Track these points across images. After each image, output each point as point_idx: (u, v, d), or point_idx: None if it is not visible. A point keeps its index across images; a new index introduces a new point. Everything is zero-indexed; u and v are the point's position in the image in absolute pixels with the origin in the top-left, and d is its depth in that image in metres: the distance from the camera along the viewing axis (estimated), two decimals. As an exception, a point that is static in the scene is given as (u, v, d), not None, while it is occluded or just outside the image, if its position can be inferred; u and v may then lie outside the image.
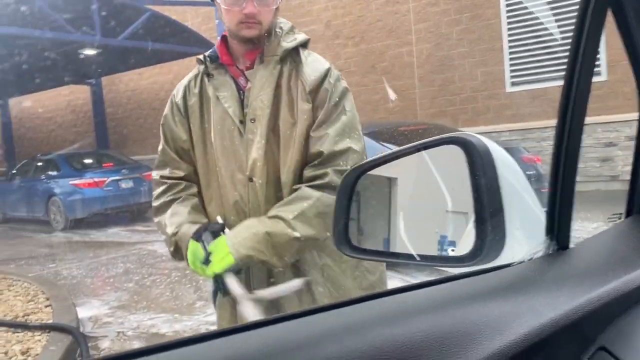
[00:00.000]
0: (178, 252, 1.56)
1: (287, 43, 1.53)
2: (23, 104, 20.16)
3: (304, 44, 1.58)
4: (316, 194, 1.42)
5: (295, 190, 1.46)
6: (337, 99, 1.51)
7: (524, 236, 0.88)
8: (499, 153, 0.87)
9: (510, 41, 10.31)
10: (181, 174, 1.64)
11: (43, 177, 11.46)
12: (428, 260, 1.04)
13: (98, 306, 5.20)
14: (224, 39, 1.59)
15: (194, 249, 1.46)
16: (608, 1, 0.79)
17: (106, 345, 4.12)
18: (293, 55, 1.55)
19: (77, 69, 15.24)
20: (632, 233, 0.94)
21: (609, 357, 0.69)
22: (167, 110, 1.66)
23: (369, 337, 0.64)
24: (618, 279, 0.75)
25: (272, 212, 1.45)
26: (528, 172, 5.56)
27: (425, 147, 0.98)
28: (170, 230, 1.55)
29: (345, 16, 12.28)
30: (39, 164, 12.20)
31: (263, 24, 1.47)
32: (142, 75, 16.36)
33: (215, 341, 0.62)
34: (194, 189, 1.63)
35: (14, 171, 13.05)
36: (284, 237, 1.40)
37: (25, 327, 4.17)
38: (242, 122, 1.51)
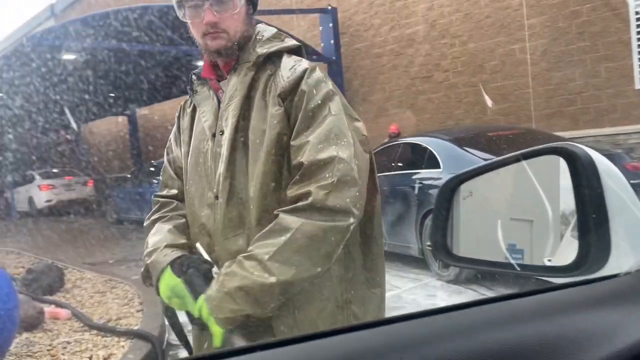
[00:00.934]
0: (148, 278, 1.42)
1: (263, 49, 1.38)
2: (148, 114, 21.74)
3: (292, 50, 1.42)
4: (296, 223, 1.19)
5: (275, 215, 1.24)
6: (318, 102, 1.29)
7: (630, 247, 0.86)
8: (603, 163, 0.87)
9: (639, 32, 9.19)
10: (174, 192, 1.54)
11: (151, 181, 12.61)
12: (529, 270, 1.04)
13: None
14: None
15: (173, 285, 1.29)
16: None
17: (185, 355, 4.14)
18: (275, 61, 1.39)
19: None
20: None
21: None
22: (173, 129, 1.60)
23: (479, 339, 0.66)
24: None
25: (250, 248, 1.24)
26: (632, 181, 5.16)
27: (526, 157, 0.98)
28: (145, 250, 1.43)
29: (452, 14, 11.72)
30: (150, 169, 13.46)
31: (229, 33, 1.35)
32: (253, 84, 16.86)
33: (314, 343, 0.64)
34: (184, 209, 1.50)
35: (128, 175, 14.16)
36: (261, 286, 1.18)
37: (112, 331, 4.31)
38: (214, 135, 1.38)
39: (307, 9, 14.61)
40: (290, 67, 1.35)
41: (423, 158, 6.16)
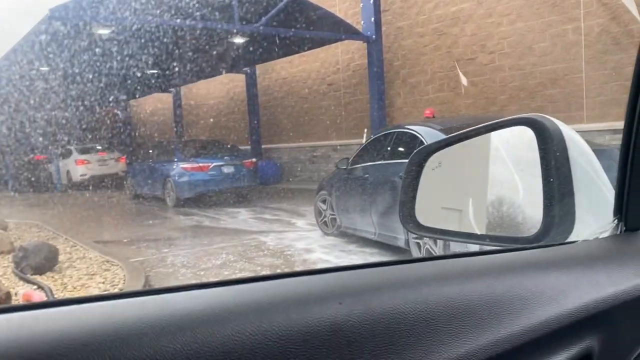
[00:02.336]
0: None
1: None
2: (192, 92, 21.68)
3: None
4: None
5: None
6: None
7: (594, 219, 0.88)
8: (571, 136, 0.89)
9: None
10: None
11: (162, 161, 12.90)
12: (494, 240, 1.03)
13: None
14: None
15: None
16: None
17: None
18: None
19: (232, 58, 15.76)
20: None
21: None
22: None
23: (424, 292, 0.66)
24: None
25: None
26: None
27: (495, 127, 1.00)
28: None
29: (501, -9, 10.80)
30: (169, 147, 13.79)
31: None
32: (293, 63, 16.40)
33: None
34: None
35: (149, 151, 14.54)
36: None
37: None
38: None
39: (349, -16, 13.96)
40: None
41: (414, 147, 5.82)
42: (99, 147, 19.44)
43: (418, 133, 5.97)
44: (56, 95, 17.78)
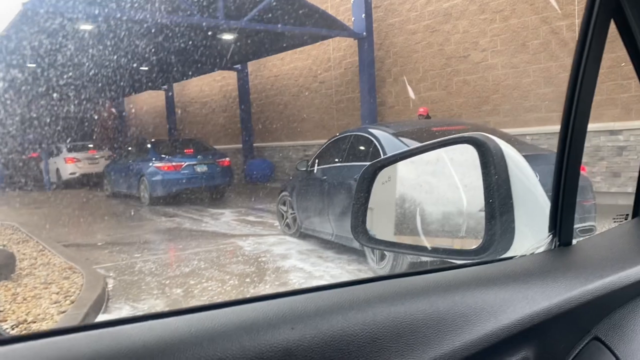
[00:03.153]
0: None
1: None
2: (185, 89, 21.35)
3: None
4: None
5: None
6: None
7: (532, 233, 0.92)
8: (511, 153, 0.93)
9: None
10: None
11: (137, 159, 13.03)
12: (440, 253, 1.07)
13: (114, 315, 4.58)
14: None
15: None
16: (611, 12, 0.84)
17: None
18: None
19: (223, 55, 15.44)
20: (635, 233, 1.00)
21: (601, 346, 0.77)
22: None
23: (370, 313, 0.68)
24: (615, 274, 0.81)
25: None
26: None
27: (441, 145, 1.04)
28: None
29: (494, -14, 10.44)
30: (137, 148, 13.96)
31: None
32: (284, 60, 16.07)
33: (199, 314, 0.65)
34: None
35: (129, 149, 14.53)
36: None
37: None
38: None
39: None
40: None
41: (368, 150, 5.99)
42: (91, 145, 19.16)
43: (372, 136, 5.99)
44: (46, 92, 17.51)
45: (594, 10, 0.81)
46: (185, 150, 12.78)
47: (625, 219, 1.09)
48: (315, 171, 6.95)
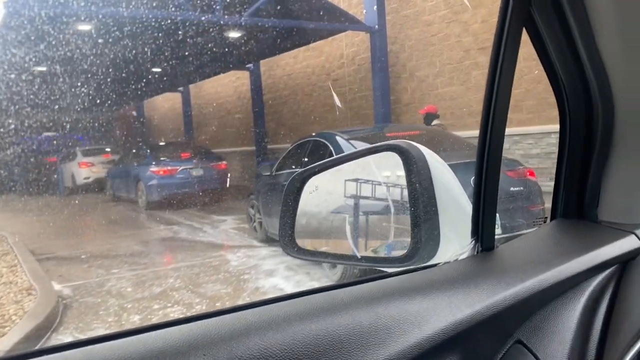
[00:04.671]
0: None
1: None
2: (201, 91, 20.90)
3: None
4: None
5: None
6: None
7: (457, 238, 0.93)
8: (434, 160, 0.94)
9: None
10: None
11: (135, 164, 12.97)
12: (369, 261, 1.10)
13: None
14: None
15: None
16: (523, 20, 0.87)
17: None
18: None
19: (234, 54, 14.86)
20: (554, 235, 1.03)
21: (523, 349, 0.79)
22: None
23: (290, 332, 0.67)
24: (534, 278, 0.83)
25: None
26: (513, 189, 4.77)
27: (367, 153, 1.06)
28: None
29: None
30: (135, 151, 14.04)
31: None
32: (297, 59, 15.39)
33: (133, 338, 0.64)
34: None
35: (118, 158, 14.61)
36: None
37: None
38: None
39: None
40: None
41: (324, 156, 5.93)
42: (108, 149, 18.85)
43: (328, 142, 6.09)
44: (60, 96, 17.30)
45: (506, 19, 0.83)
46: (181, 154, 12.62)
47: (545, 222, 1.10)
48: (278, 176, 6.97)
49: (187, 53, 14.84)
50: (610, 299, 0.87)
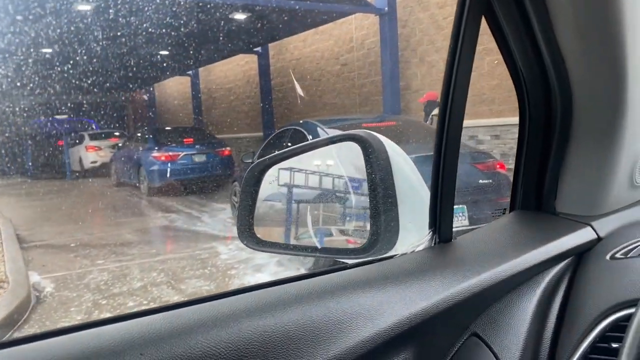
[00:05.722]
0: None
1: None
2: (210, 75, 20.57)
3: None
4: None
5: None
6: None
7: (416, 229, 0.92)
8: (394, 151, 0.93)
9: None
10: None
11: (138, 149, 12.61)
12: (328, 252, 1.08)
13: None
14: None
15: None
16: (482, 9, 0.85)
17: None
18: None
19: (242, 36, 14.46)
20: (511, 227, 1.01)
21: (479, 342, 0.79)
22: None
23: (236, 328, 0.64)
24: (490, 270, 0.82)
25: None
26: (481, 181, 4.72)
27: (329, 142, 1.02)
28: None
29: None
30: (138, 136, 13.61)
31: None
32: (306, 42, 14.94)
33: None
34: None
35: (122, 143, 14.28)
36: None
37: None
38: None
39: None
40: None
41: None
42: (117, 134, 18.65)
43: (306, 132, 6.00)
44: (66, 79, 17.09)
45: (465, 8, 0.82)
46: (184, 140, 12.12)
47: (503, 213, 1.10)
48: None
49: (195, 36, 14.50)
50: (565, 291, 0.88)
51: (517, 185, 1.04)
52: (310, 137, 5.86)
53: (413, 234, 0.90)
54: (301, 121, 6.84)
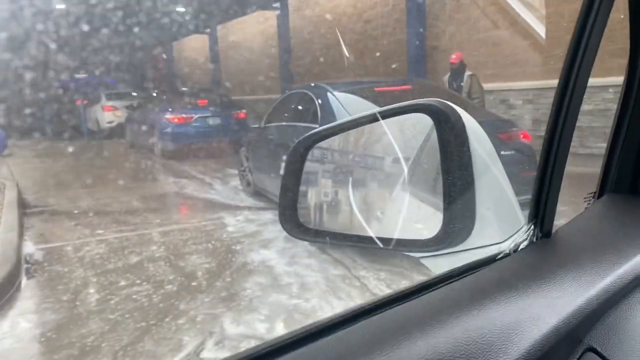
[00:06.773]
0: None
1: None
2: (227, 34, 19.92)
3: None
4: None
5: None
6: None
7: (495, 219, 0.80)
8: (472, 125, 0.81)
9: None
10: None
11: (152, 110, 12.30)
12: (391, 245, 0.90)
13: None
14: None
15: None
16: None
17: None
18: None
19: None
20: (610, 214, 0.91)
21: (596, 358, 0.65)
22: None
23: (406, 341, 0.56)
24: (610, 271, 0.71)
25: None
26: (503, 152, 4.22)
27: (389, 114, 0.87)
28: None
29: None
30: (153, 96, 13.49)
31: None
32: (327, -2, 14.17)
33: None
34: None
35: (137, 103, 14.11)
36: None
37: None
38: None
39: None
40: None
41: (310, 110, 5.58)
42: (134, 94, 18.27)
43: (315, 97, 5.50)
44: (87, 37, 16.66)
45: None
46: (198, 102, 11.67)
47: (593, 198, 0.98)
48: (267, 129, 6.66)
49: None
50: None
51: (610, 164, 0.94)
52: (319, 101, 5.40)
53: (491, 223, 0.79)
54: (312, 84, 6.28)
